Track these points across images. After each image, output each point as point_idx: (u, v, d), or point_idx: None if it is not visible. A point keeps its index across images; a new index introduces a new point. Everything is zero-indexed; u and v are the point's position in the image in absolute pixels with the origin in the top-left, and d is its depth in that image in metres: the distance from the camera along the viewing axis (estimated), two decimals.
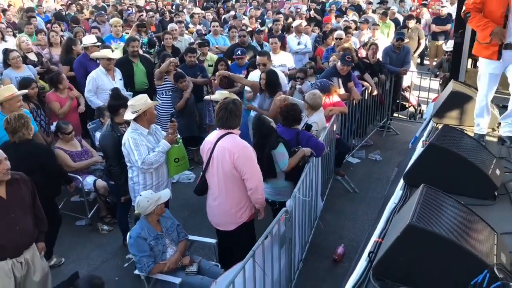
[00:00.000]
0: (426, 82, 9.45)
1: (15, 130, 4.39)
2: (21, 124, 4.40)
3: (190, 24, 11.32)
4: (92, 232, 5.65)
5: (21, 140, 4.43)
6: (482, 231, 2.54)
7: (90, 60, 7.13)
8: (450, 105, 4.63)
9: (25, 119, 4.46)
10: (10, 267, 3.59)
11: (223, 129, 3.99)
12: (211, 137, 4.11)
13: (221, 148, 3.93)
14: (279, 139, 4.51)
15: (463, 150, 3.37)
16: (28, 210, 3.70)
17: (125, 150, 4.41)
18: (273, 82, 5.72)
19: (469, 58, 5.84)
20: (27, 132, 4.46)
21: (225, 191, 4.05)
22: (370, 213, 5.93)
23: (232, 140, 3.95)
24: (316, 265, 4.96)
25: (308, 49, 9.57)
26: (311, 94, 5.52)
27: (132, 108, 4.38)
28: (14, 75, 6.52)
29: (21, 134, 4.41)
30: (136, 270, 4.09)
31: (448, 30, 11.99)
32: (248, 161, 3.94)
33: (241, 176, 3.94)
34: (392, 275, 2.40)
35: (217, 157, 3.96)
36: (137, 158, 4.32)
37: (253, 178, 3.96)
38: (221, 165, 3.95)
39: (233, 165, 3.89)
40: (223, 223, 4.21)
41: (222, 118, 3.95)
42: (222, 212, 4.15)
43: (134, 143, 4.32)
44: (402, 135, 8.58)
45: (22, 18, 11.22)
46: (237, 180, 3.98)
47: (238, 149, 3.90)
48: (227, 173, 3.95)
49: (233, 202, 4.07)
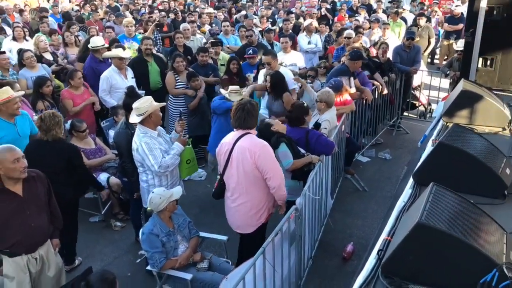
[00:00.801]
0: (436, 81, 9.43)
1: (49, 128, 4.47)
2: (55, 122, 4.48)
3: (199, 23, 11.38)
4: (105, 229, 5.74)
5: (54, 139, 4.51)
6: (491, 230, 2.55)
7: (99, 62, 7.21)
8: (460, 104, 4.62)
9: (59, 118, 4.54)
10: (25, 262, 3.67)
11: (240, 130, 4.00)
12: (228, 139, 4.10)
13: (241, 148, 3.93)
14: (281, 138, 4.51)
15: (473, 149, 3.38)
16: (43, 208, 3.76)
17: (138, 155, 4.37)
18: (278, 84, 5.76)
19: (479, 57, 5.82)
20: (60, 131, 4.54)
21: (245, 192, 4.04)
22: (380, 211, 5.94)
23: (252, 140, 3.97)
24: (325, 262, 5.00)
25: (319, 48, 9.60)
26: (326, 92, 5.55)
27: (137, 111, 4.34)
28: (30, 74, 6.63)
29: (54, 133, 4.49)
30: (148, 266, 4.15)
31: (459, 29, 11.94)
32: (270, 160, 3.96)
33: (263, 175, 3.94)
34: (401, 273, 2.42)
35: (237, 158, 3.95)
36: (153, 162, 4.30)
37: (275, 176, 3.97)
38: (242, 166, 3.94)
39: (254, 164, 3.89)
40: (243, 226, 4.20)
41: (240, 118, 3.96)
42: (242, 214, 4.14)
43: (148, 148, 4.29)
44: (412, 134, 8.57)
45: (35, 18, 11.37)
46: (258, 180, 3.98)
47: (258, 148, 3.91)
48: (248, 173, 3.95)
49: (254, 204, 4.08)
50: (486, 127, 4.46)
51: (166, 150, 4.47)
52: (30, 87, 6.45)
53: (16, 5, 14.26)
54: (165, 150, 4.45)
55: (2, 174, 3.48)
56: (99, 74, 6.89)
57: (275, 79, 5.76)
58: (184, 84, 6.86)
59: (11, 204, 3.54)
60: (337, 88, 6.00)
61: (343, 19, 12.04)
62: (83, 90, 6.51)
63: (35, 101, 6.05)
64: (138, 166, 4.51)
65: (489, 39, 5.68)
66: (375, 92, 7.42)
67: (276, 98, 5.82)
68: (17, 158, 3.47)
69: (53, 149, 4.48)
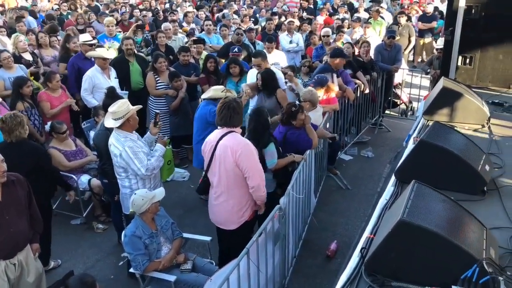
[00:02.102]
0: (417, 79, 9.53)
1: (11, 129, 4.37)
2: (17, 122, 4.37)
3: (183, 23, 11.31)
4: (87, 231, 5.67)
5: (17, 140, 4.41)
6: (471, 226, 2.58)
7: (84, 59, 7.12)
8: (440, 102, 4.67)
9: (21, 118, 4.43)
10: (3, 268, 3.59)
11: (225, 128, 3.99)
12: (212, 137, 4.10)
13: (223, 147, 3.93)
14: (271, 138, 4.55)
15: (453, 146, 3.41)
16: (23, 212, 3.69)
17: (121, 161, 4.24)
18: (269, 82, 5.76)
19: (459, 55, 5.90)
20: (23, 131, 4.43)
21: (227, 190, 4.04)
22: (363, 209, 6.00)
23: (234, 138, 3.96)
24: (309, 261, 5.02)
25: (300, 47, 9.62)
26: (309, 91, 5.57)
27: (114, 115, 4.20)
28: (7, 75, 6.49)
29: (18, 133, 4.39)
30: (131, 268, 4.12)
31: (433, 27, 12.11)
32: (250, 159, 3.95)
33: (243, 174, 3.94)
34: (384, 270, 2.43)
35: (220, 156, 3.95)
36: (139, 166, 4.22)
37: (255, 176, 3.97)
38: (224, 164, 3.94)
39: (235, 163, 3.90)
40: (225, 222, 4.20)
41: (225, 116, 3.95)
42: (224, 211, 4.14)
43: (132, 152, 4.20)
44: (393, 132, 8.66)
45: (12, 17, 11.16)
46: (239, 179, 3.98)
47: (240, 147, 3.91)
48: (229, 171, 3.95)
49: (235, 201, 4.08)
50: (466, 124, 4.52)
51: (148, 152, 4.41)
52: (8, 88, 6.33)
53: None
54: (147, 152, 4.39)
55: None
56: (81, 72, 6.82)
57: (266, 76, 5.76)
58: (165, 84, 6.81)
59: None
60: (321, 83, 6.02)
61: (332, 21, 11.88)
62: (60, 93, 6.41)
63: (15, 101, 5.91)
64: (120, 172, 4.38)
65: (468, 38, 5.76)
66: (357, 90, 7.46)
67: (268, 95, 5.80)
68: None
69: (20, 151, 4.37)
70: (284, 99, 5.75)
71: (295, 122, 4.86)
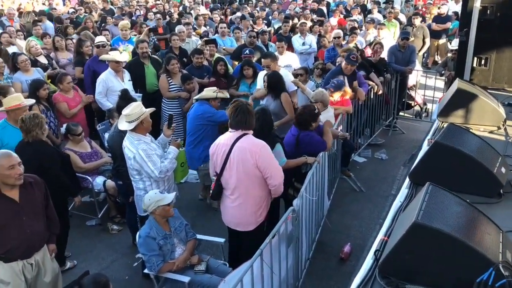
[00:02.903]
0: (431, 81, 9.46)
1: (29, 130, 4.44)
2: (35, 123, 4.44)
3: (195, 25, 11.39)
4: (102, 232, 5.72)
5: (34, 140, 4.47)
6: (487, 229, 2.56)
7: (99, 62, 7.20)
8: (455, 104, 4.64)
9: (39, 119, 4.50)
10: (21, 268, 3.65)
11: (240, 130, 3.99)
12: (224, 140, 4.08)
13: (241, 149, 3.93)
14: (276, 139, 4.56)
15: (469, 148, 3.39)
16: (40, 213, 3.74)
17: (136, 164, 4.28)
18: (274, 84, 5.76)
19: (474, 56, 5.85)
20: (41, 132, 4.49)
21: (245, 192, 4.05)
22: (377, 211, 5.97)
23: (251, 140, 3.99)
24: (323, 263, 5.00)
25: (313, 49, 9.61)
26: (320, 92, 5.57)
27: (128, 118, 4.24)
28: (24, 78, 6.61)
29: (35, 134, 4.45)
30: (145, 269, 4.14)
31: (448, 28, 12.00)
32: (270, 159, 4.00)
33: (264, 175, 3.96)
34: (398, 273, 2.42)
35: (237, 158, 3.94)
36: (153, 168, 4.25)
37: (276, 175, 4.01)
38: (242, 166, 3.94)
39: (256, 164, 3.91)
40: (244, 223, 4.19)
41: (241, 120, 3.96)
42: (243, 212, 4.13)
43: (146, 155, 4.23)
44: (407, 134, 8.60)
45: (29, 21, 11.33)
46: (258, 179, 4.00)
47: (259, 148, 3.93)
48: (249, 173, 3.96)
49: (254, 202, 4.09)
50: (481, 126, 4.48)
51: (161, 155, 4.44)
52: (25, 90, 6.43)
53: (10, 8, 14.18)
54: (160, 155, 4.41)
55: None
56: (96, 75, 6.90)
57: (272, 79, 5.77)
58: (178, 86, 6.86)
59: (7, 210, 3.52)
60: (339, 87, 6.03)
61: (345, 23, 11.89)
62: (73, 94, 6.49)
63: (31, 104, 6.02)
64: (134, 174, 4.43)
65: (483, 38, 5.70)
66: (370, 92, 7.44)
67: (274, 98, 5.81)
68: (12, 165, 3.44)
69: (30, 151, 4.40)
70: (287, 103, 5.70)
71: (315, 124, 4.86)
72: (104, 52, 7.24)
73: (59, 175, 4.71)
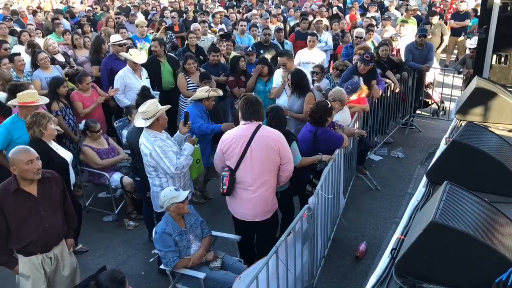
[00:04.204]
0: (449, 79, 9.34)
1: (28, 127, 4.46)
2: (33, 121, 4.42)
3: (212, 23, 11.42)
4: (119, 228, 5.79)
5: (32, 138, 4.46)
6: (506, 229, 2.52)
7: (116, 59, 7.28)
8: (473, 102, 4.58)
9: (36, 118, 4.44)
10: (40, 262, 3.72)
11: (254, 121, 4.07)
12: (240, 132, 4.08)
13: (264, 138, 4.01)
14: (292, 136, 4.58)
15: (487, 147, 3.34)
16: (58, 208, 3.79)
17: (152, 160, 4.33)
18: (298, 82, 5.75)
19: (493, 54, 5.76)
20: (38, 131, 4.43)
21: (267, 180, 4.11)
22: (393, 210, 5.93)
23: (269, 129, 4.13)
24: (338, 261, 4.99)
25: (329, 47, 9.56)
26: (338, 91, 5.56)
27: (144, 115, 4.28)
28: (44, 75, 6.71)
29: (32, 132, 4.44)
30: (161, 265, 4.17)
31: (466, 25, 11.83)
32: (287, 146, 4.13)
33: (282, 161, 4.08)
34: (415, 272, 2.40)
35: (259, 148, 3.99)
36: (169, 165, 4.30)
37: (292, 161, 4.18)
38: (265, 155, 4.01)
39: (278, 152, 4.02)
40: (262, 213, 4.21)
41: (254, 111, 4.07)
42: (263, 202, 4.17)
43: (162, 151, 4.28)
44: (424, 132, 8.52)
45: (47, 19, 11.50)
46: (275, 167, 4.11)
47: (280, 137, 4.08)
48: (272, 161, 4.05)
49: (271, 190, 4.18)
50: (500, 125, 4.41)
51: (177, 151, 4.47)
52: (44, 87, 6.52)
53: (29, 6, 14.42)
54: (176, 151, 4.45)
55: (17, 175, 3.53)
56: (113, 72, 6.97)
57: (296, 77, 5.76)
58: (196, 85, 6.87)
59: (26, 205, 3.58)
60: (354, 91, 6.02)
61: (355, 18, 11.99)
62: (91, 92, 6.55)
63: (50, 101, 6.09)
64: (150, 170, 4.47)
65: (503, 36, 5.62)
66: (387, 90, 7.37)
67: (299, 96, 5.80)
68: (31, 160, 3.50)
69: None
70: (310, 103, 5.69)
71: (330, 118, 4.87)
72: (121, 50, 7.30)
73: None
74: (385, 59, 7.69)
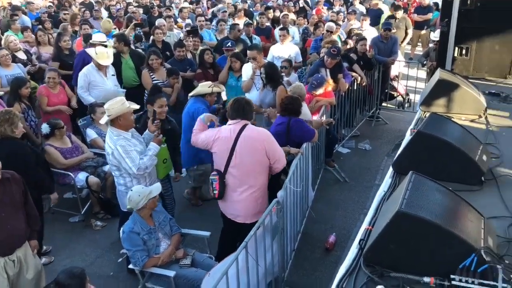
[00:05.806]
0: (413, 71, 9.52)
1: None
2: (4, 119, 4.28)
3: (178, 18, 11.27)
4: (85, 228, 5.65)
5: (2, 136, 4.32)
6: (469, 216, 2.59)
7: None
8: (437, 93, 4.67)
9: (10, 115, 4.32)
10: (3, 265, 3.61)
11: (240, 121, 4.03)
12: (226, 132, 4.02)
13: (248, 138, 3.96)
14: None
15: (451, 137, 3.42)
16: (19, 209, 3.69)
17: (113, 159, 4.23)
18: (271, 75, 5.75)
19: (455, 46, 5.89)
20: (10, 129, 4.30)
21: (254, 180, 4.07)
22: (361, 201, 6.01)
23: (255, 129, 4.09)
24: (308, 254, 5.02)
25: (296, 41, 9.58)
26: (298, 86, 5.58)
27: (107, 112, 4.21)
28: (4, 73, 6.50)
29: (3, 130, 4.29)
30: (130, 264, 4.10)
31: (429, 19, 12.10)
32: (275, 144, 4.08)
33: (271, 160, 4.02)
34: (383, 261, 2.44)
35: (245, 148, 3.95)
36: (131, 165, 4.19)
37: (282, 158, 4.11)
38: (251, 155, 3.97)
39: (264, 151, 3.97)
40: (252, 214, 4.13)
41: (239, 109, 4.06)
42: (252, 203, 4.12)
43: (124, 151, 4.17)
44: (391, 124, 8.67)
45: (5, 16, 11.11)
46: (264, 166, 4.07)
47: (265, 135, 4.05)
48: (259, 161, 4.00)
49: (261, 190, 4.15)
50: (463, 115, 4.52)
51: (142, 151, 4.35)
52: (5, 85, 6.33)
53: None
54: (140, 151, 4.33)
55: None
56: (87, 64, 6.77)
57: (269, 70, 5.76)
58: (161, 81, 6.77)
59: None
60: (319, 85, 6.03)
61: (321, 12, 12.09)
62: (59, 90, 6.37)
63: (12, 102, 5.88)
64: (114, 170, 4.38)
65: (464, 28, 5.75)
66: (354, 83, 7.45)
67: (273, 89, 5.78)
68: None
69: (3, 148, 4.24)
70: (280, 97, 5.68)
71: (301, 109, 4.91)
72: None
73: (34, 172, 4.50)
74: (361, 54, 7.77)
